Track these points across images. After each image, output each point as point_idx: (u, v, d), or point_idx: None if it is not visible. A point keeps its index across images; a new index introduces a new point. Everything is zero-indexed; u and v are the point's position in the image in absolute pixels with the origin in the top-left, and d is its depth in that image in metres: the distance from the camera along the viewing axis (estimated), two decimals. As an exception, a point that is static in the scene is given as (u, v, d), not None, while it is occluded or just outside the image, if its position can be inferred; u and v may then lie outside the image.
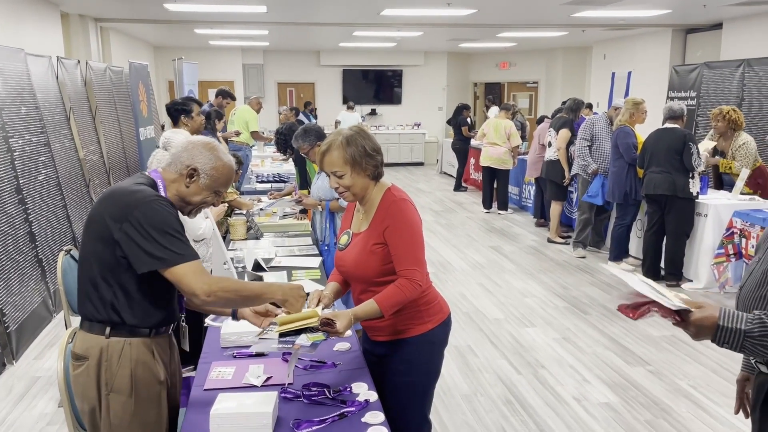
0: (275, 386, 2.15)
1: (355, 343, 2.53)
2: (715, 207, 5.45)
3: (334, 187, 2.29)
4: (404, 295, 2.18)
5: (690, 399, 3.67)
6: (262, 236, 4.31)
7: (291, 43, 13.85)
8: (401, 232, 2.21)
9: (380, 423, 1.92)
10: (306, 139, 3.98)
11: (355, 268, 2.29)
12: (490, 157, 8.97)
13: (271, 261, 3.69)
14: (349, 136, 2.24)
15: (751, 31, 8.71)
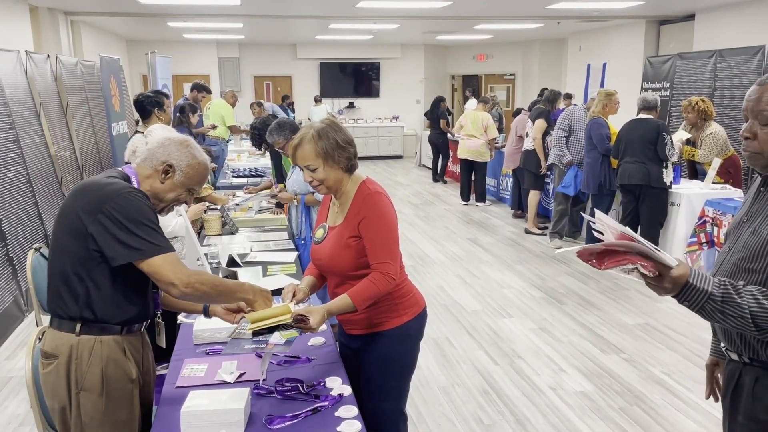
0: (248, 383, 2.13)
1: (330, 337, 2.52)
2: (688, 196, 5.53)
3: (308, 180, 2.28)
4: (377, 289, 2.18)
5: (663, 386, 3.72)
6: (237, 231, 4.27)
7: (267, 36, 13.73)
8: (375, 226, 2.21)
9: (353, 417, 1.92)
10: (280, 134, 3.95)
11: (330, 261, 2.28)
12: (468, 150, 8.99)
13: (246, 256, 3.67)
14: (321, 129, 2.23)
15: (723, 22, 8.83)
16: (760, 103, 1.58)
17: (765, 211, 1.63)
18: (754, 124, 1.61)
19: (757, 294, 1.49)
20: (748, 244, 1.63)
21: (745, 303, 1.48)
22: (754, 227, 1.64)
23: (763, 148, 1.60)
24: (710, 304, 1.49)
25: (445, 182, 11.40)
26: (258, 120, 5.33)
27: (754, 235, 1.62)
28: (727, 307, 1.49)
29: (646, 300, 5.16)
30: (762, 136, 1.59)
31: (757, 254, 1.60)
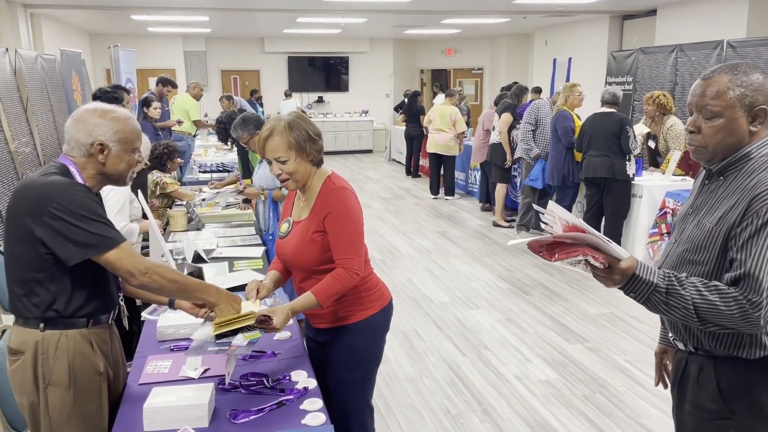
0: (213, 378, 2.13)
1: (296, 332, 2.53)
2: (649, 188, 5.65)
3: (277, 174, 2.26)
4: (341, 284, 2.19)
5: (625, 373, 3.82)
6: (203, 227, 4.23)
7: (233, 30, 13.58)
8: (340, 221, 2.22)
9: (318, 409, 1.93)
10: (245, 129, 3.92)
11: (295, 256, 2.29)
12: (437, 144, 9.05)
13: (213, 252, 3.64)
14: (291, 120, 2.23)
15: (684, 17, 9.03)
16: (703, 98, 1.61)
17: (708, 204, 1.66)
18: (698, 119, 1.64)
19: (700, 286, 1.53)
20: (692, 236, 1.67)
21: (688, 295, 1.52)
22: (698, 219, 1.67)
23: (707, 142, 1.63)
24: (655, 295, 1.53)
25: (419, 176, 11.42)
26: (224, 114, 5.29)
27: (698, 227, 1.66)
28: (671, 298, 1.53)
29: (610, 290, 5.27)
30: (705, 130, 1.62)
31: (700, 246, 1.63)
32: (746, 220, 1.52)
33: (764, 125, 1.61)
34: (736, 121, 1.59)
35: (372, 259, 6.72)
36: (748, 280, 1.49)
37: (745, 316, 1.48)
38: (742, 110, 1.58)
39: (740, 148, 1.62)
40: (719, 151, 1.63)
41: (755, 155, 1.60)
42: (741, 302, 1.48)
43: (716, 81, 1.60)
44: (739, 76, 1.58)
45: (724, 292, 1.50)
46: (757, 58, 6.96)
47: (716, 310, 1.50)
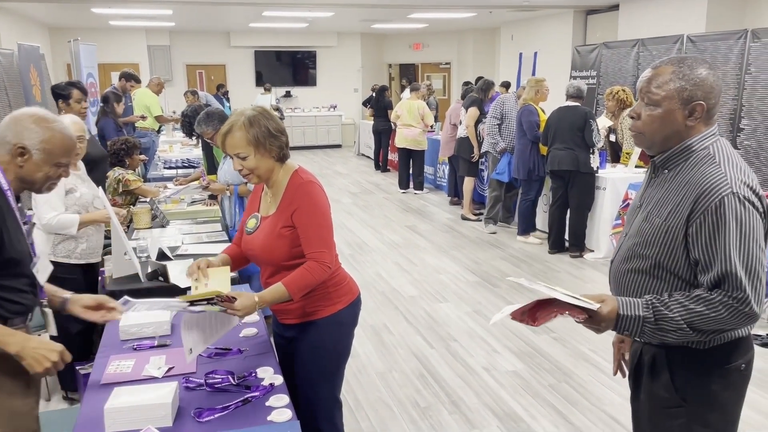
0: (177, 376, 2.10)
1: (263, 328, 2.51)
2: (613, 180, 5.76)
3: (238, 169, 2.24)
4: (313, 277, 2.18)
5: (590, 362, 3.89)
6: (168, 224, 4.17)
7: (198, 24, 13.36)
8: (309, 215, 2.21)
9: (284, 405, 1.92)
10: (209, 124, 3.87)
11: (263, 251, 2.27)
12: (405, 139, 9.06)
13: (178, 249, 3.60)
14: (252, 116, 2.19)
15: (645, 12, 9.19)
16: (649, 85, 1.64)
17: (656, 199, 1.68)
18: (640, 105, 1.67)
19: (685, 301, 1.55)
20: (641, 230, 1.69)
21: (677, 315, 1.54)
22: (647, 214, 1.69)
23: (644, 129, 1.67)
24: (646, 326, 1.56)
25: (388, 171, 11.42)
26: (189, 108, 5.21)
27: (647, 222, 1.68)
28: (662, 323, 1.55)
29: (576, 281, 5.36)
30: (644, 117, 1.65)
31: (649, 241, 1.66)
32: (697, 217, 1.55)
33: (702, 120, 1.62)
34: (672, 113, 1.61)
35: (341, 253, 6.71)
36: (727, 280, 1.51)
37: (737, 314, 1.51)
38: (679, 103, 1.60)
39: (680, 140, 1.64)
40: (656, 140, 1.66)
41: (697, 148, 1.63)
42: (727, 303, 1.51)
43: (662, 71, 1.62)
44: (683, 69, 1.60)
45: (709, 299, 1.53)
46: (715, 52, 7.14)
47: (708, 318, 1.52)
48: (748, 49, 6.72)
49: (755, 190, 1.56)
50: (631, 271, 1.72)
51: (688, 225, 1.56)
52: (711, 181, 1.54)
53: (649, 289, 1.68)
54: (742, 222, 1.51)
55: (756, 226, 1.53)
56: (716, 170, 1.56)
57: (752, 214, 1.53)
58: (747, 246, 1.51)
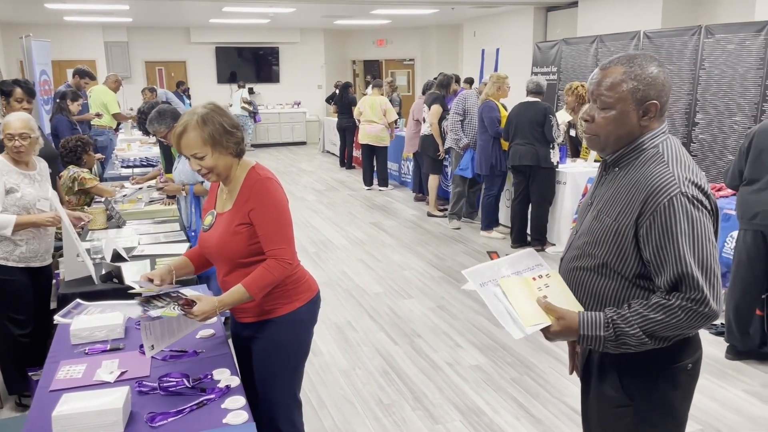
0: (130, 381, 2.05)
1: (220, 329, 2.47)
2: (572, 175, 5.84)
3: (196, 169, 2.20)
4: (273, 276, 2.16)
5: (551, 355, 3.94)
6: (124, 224, 4.07)
7: (157, 19, 13.09)
8: (267, 213, 2.18)
9: (240, 407, 1.89)
10: (161, 122, 3.77)
11: (219, 248, 2.23)
12: (368, 135, 9.04)
13: (134, 250, 3.51)
14: (205, 114, 2.14)
15: (603, 9, 9.35)
16: (599, 87, 1.62)
17: (606, 197, 1.67)
18: (593, 108, 1.66)
19: (643, 311, 1.55)
20: (591, 229, 1.69)
21: (636, 330, 1.54)
22: (597, 212, 1.69)
23: (599, 131, 1.65)
24: (608, 344, 1.57)
25: (353, 167, 11.38)
26: (146, 104, 5.09)
27: (597, 221, 1.67)
28: (622, 339, 1.56)
29: (537, 274, 5.42)
30: (598, 120, 1.64)
31: (598, 241, 1.65)
32: (646, 218, 1.54)
33: (655, 118, 1.62)
34: (627, 114, 1.60)
35: (305, 251, 6.64)
36: (684, 281, 1.51)
37: (696, 316, 1.51)
38: (634, 104, 1.59)
39: (632, 140, 1.63)
40: (610, 141, 1.65)
41: (647, 146, 1.63)
42: (686, 307, 1.51)
43: (612, 72, 1.61)
44: (634, 69, 1.59)
45: (668, 306, 1.52)
46: (670, 48, 7.29)
47: (668, 325, 1.52)
48: (702, 44, 6.89)
49: (703, 188, 1.56)
50: (579, 269, 1.72)
51: (638, 226, 1.56)
52: (660, 181, 1.54)
53: (596, 287, 1.68)
54: (693, 221, 1.51)
55: (706, 224, 1.53)
56: (665, 170, 1.56)
57: (701, 213, 1.53)
58: (700, 245, 1.51)
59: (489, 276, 1.70)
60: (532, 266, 1.77)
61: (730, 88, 6.57)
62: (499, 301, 1.65)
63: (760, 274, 3.62)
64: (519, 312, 1.63)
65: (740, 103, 6.49)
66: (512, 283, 1.69)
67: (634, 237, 1.57)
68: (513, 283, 1.69)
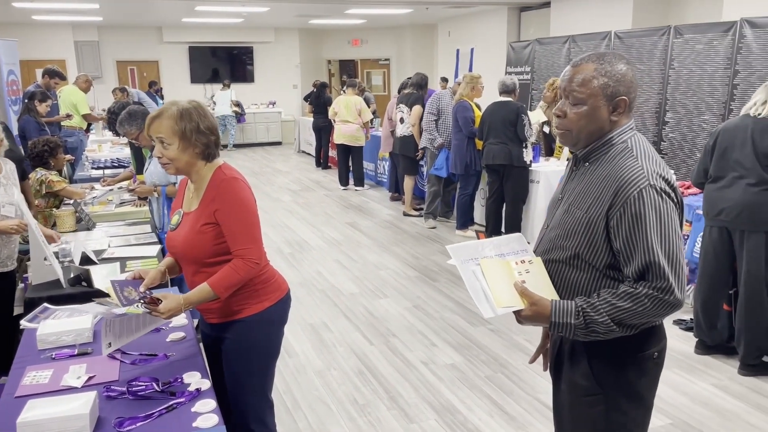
0: (98, 386, 2.02)
1: (191, 332, 2.44)
2: (546, 173, 5.90)
3: (157, 155, 2.20)
4: (239, 275, 2.16)
5: (525, 352, 3.98)
6: (94, 227, 4.01)
7: (128, 19, 12.91)
8: (233, 212, 2.17)
9: (211, 410, 1.87)
10: (132, 123, 3.71)
11: (185, 248, 2.23)
12: (343, 135, 9.03)
13: (104, 252, 3.46)
14: (184, 109, 2.17)
15: (575, 9, 9.46)
16: (571, 83, 1.67)
17: (576, 191, 1.72)
18: (565, 104, 1.70)
19: (612, 299, 1.60)
20: (562, 222, 1.74)
21: (605, 318, 1.59)
22: (568, 206, 1.74)
23: (571, 127, 1.70)
24: (578, 332, 1.62)
25: (329, 167, 11.35)
26: (116, 104, 5.02)
27: (568, 214, 1.72)
28: (592, 326, 1.61)
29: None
30: (570, 115, 1.69)
31: (569, 233, 1.70)
32: (617, 209, 1.59)
33: (624, 114, 1.68)
34: (598, 110, 1.65)
35: (280, 252, 6.59)
36: (650, 270, 1.56)
37: (661, 304, 1.56)
38: (604, 99, 1.65)
39: (602, 135, 1.68)
40: (582, 136, 1.70)
41: (616, 142, 1.68)
42: (651, 295, 1.56)
43: (583, 69, 1.66)
44: (604, 66, 1.64)
45: (634, 294, 1.57)
46: (641, 48, 7.40)
47: (635, 313, 1.57)
48: (671, 45, 7.00)
49: (670, 182, 1.62)
50: (551, 261, 1.76)
51: (608, 217, 1.61)
52: (629, 174, 1.59)
53: (568, 278, 1.72)
54: (661, 212, 1.57)
55: (673, 216, 1.59)
56: (634, 163, 1.61)
57: (669, 205, 1.59)
58: (667, 235, 1.57)
59: (472, 254, 1.75)
60: (517, 251, 1.81)
61: (699, 87, 6.69)
62: (477, 280, 1.70)
63: (726, 270, 3.70)
64: (493, 292, 1.68)
65: (708, 102, 6.61)
66: (492, 264, 1.74)
67: (605, 228, 1.62)
68: (493, 264, 1.74)
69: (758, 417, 3.19)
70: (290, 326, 4.41)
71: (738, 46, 6.17)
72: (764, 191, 3.42)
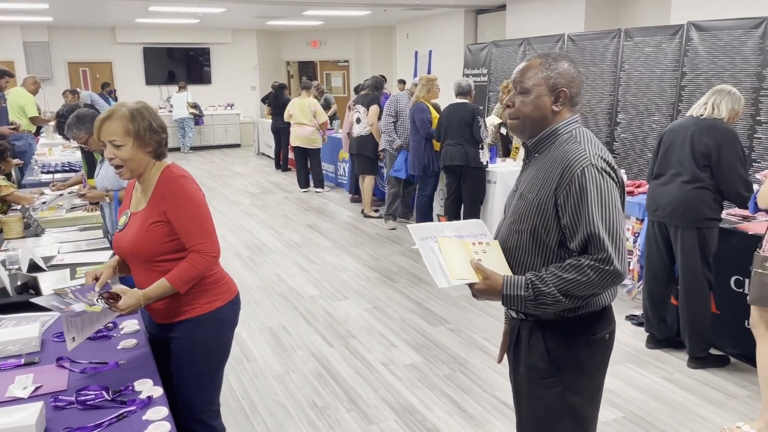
0: (45, 396, 1.96)
1: (143, 338, 2.40)
2: (502, 174, 5.99)
3: (109, 158, 2.18)
4: (197, 269, 2.18)
5: (483, 350, 4.03)
6: (43, 233, 3.89)
7: (79, 19, 12.58)
8: (184, 210, 2.19)
9: (163, 418, 1.84)
10: (81, 127, 3.60)
11: (133, 247, 2.22)
12: (299, 137, 8.99)
13: (53, 259, 3.36)
14: (135, 109, 2.18)
15: (530, 13, 9.63)
16: (522, 75, 1.83)
17: (528, 179, 1.85)
18: (514, 95, 1.85)
19: (558, 272, 1.71)
20: (516, 208, 1.86)
21: (551, 288, 1.69)
22: (521, 193, 1.87)
23: (519, 114, 1.84)
24: (529, 303, 1.72)
25: (289, 169, 11.26)
26: (65, 107, 4.87)
27: (522, 200, 1.85)
28: (541, 298, 1.71)
29: (470, 272, 5.53)
30: (518, 104, 1.84)
31: (523, 216, 1.82)
32: (563, 187, 1.72)
33: (566, 106, 1.82)
34: (542, 98, 1.80)
35: (239, 255, 6.52)
36: (592, 241, 1.68)
37: (603, 274, 1.67)
38: (547, 89, 1.80)
39: (547, 125, 1.82)
40: (527, 122, 1.83)
41: (562, 132, 1.82)
42: (594, 266, 1.67)
43: (531, 64, 1.84)
44: (549, 62, 1.82)
45: (578, 265, 1.69)
46: (593, 50, 7.58)
47: (579, 283, 1.68)
48: (622, 47, 7.19)
49: (610, 163, 1.77)
50: (508, 249, 1.87)
51: (556, 196, 1.73)
52: (573, 156, 1.73)
53: (524, 262, 1.83)
54: (601, 188, 1.70)
55: (613, 193, 1.72)
56: (577, 147, 1.75)
57: (608, 182, 1.72)
58: (607, 209, 1.69)
59: (431, 233, 1.86)
60: (476, 234, 1.91)
61: (648, 88, 6.89)
62: (434, 255, 1.80)
63: (667, 262, 3.83)
64: (449, 266, 1.77)
65: (658, 103, 6.81)
66: (450, 242, 1.83)
67: (554, 206, 1.74)
68: (450, 243, 1.84)
69: (707, 408, 3.30)
70: (249, 330, 4.39)
71: (685, 49, 6.38)
72: (697, 189, 3.55)
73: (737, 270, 3.68)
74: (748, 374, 3.60)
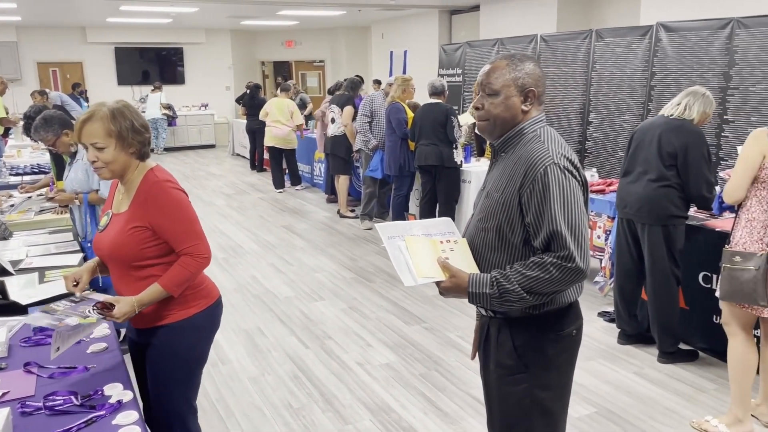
0: (11, 402, 1.93)
1: (113, 341, 2.37)
2: (477, 173, 6.03)
3: (92, 160, 2.14)
4: (189, 271, 2.17)
5: (458, 348, 4.05)
6: (11, 236, 3.82)
7: (49, 18, 12.35)
8: (170, 215, 2.16)
9: (133, 422, 1.82)
10: (48, 129, 3.54)
11: (112, 249, 2.18)
12: (275, 137, 8.95)
13: (21, 262, 3.30)
14: (116, 108, 2.13)
15: (503, 13, 9.71)
16: (488, 77, 1.84)
17: (494, 178, 1.88)
18: (483, 97, 1.86)
19: (522, 269, 1.73)
20: (483, 206, 1.89)
21: (516, 286, 1.71)
22: (487, 192, 1.89)
23: (489, 116, 1.86)
24: (494, 300, 1.74)
25: (264, 170, 11.19)
26: (33, 109, 4.80)
27: (488, 199, 1.87)
28: (506, 296, 1.73)
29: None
30: (487, 106, 1.85)
31: (489, 214, 1.84)
32: (527, 186, 1.74)
33: (534, 106, 1.85)
34: (511, 99, 1.82)
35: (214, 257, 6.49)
36: (554, 239, 1.70)
37: (565, 271, 1.69)
38: (516, 90, 1.82)
39: (515, 124, 1.84)
40: (498, 123, 1.85)
41: (527, 131, 1.84)
42: (556, 264, 1.69)
43: (497, 65, 1.85)
44: (515, 62, 1.83)
45: (541, 263, 1.71)
46: (565, 51, 7.67)
47: (542, 280, 1.70)
48: (593, 48, 7.29)
49: (573, 162, 1.79)
50: (475, 246, 1.89)
51: (520, 195, 1.76)
52: (536, 156, 1.75)
53: (491, 261, 1.85)
54: (563, 187, 1.72)
55: (575, 191, 1.74)
56: (540, 146, 1.78)
57: (571, 181, 1.74)
58: (569, 207, 1.71)
59: (399, 232, 1.87)
60: (444, 232, 1.92)
61: (619, 88, 6.99)
62: (401, 253, 1.80)
63: (637, 259, 3.89)
64: (415, 264, 1.78)
65: (629, 102, 6.92)
66: (417, 241, 1.84)
67: (518, 205, 1.77)
68: (418, 241, 1.84)
69: (676, 402, 3.37)
70: (224, 333, 4.36)
71: (654, 49, 6.49)
72: (662, 187, 3.62)
73: (705, 266, 3.76)
74: (716, 368, 3.68)
